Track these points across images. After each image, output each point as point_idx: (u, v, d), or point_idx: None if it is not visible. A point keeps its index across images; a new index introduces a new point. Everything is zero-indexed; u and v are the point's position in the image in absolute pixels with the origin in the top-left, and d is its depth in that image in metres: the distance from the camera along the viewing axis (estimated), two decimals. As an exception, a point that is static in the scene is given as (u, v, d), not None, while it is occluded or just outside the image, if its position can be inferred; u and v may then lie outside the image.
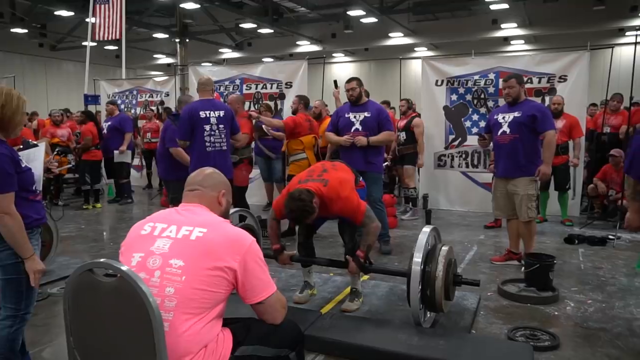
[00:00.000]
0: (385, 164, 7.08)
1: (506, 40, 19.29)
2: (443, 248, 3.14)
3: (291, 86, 7.74)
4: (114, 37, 10.79)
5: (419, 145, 6.61)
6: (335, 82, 6.25)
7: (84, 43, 13.02)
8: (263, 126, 6.84)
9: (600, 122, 6.75)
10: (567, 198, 6.35)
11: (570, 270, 4.51)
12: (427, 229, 3.17)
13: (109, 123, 8.16)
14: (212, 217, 1.84)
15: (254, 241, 1.78)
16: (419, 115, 6.96)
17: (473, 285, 3.28)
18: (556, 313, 3.49)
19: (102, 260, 1.64)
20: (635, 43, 5.91)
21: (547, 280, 3.77)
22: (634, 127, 5.71)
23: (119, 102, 10.34)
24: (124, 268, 1.58)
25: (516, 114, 4.30)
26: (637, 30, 6.48)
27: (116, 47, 17.60)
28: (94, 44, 12.05)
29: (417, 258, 2.99)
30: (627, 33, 16.99)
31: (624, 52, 14.51)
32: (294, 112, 6.21)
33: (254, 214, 4.02)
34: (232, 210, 3.78)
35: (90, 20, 10.96)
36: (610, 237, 5.41)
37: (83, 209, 7.84)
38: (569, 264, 4.69)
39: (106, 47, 19.33)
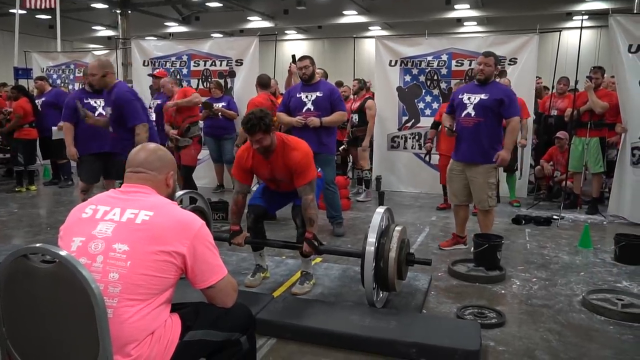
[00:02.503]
0: (342, 147, 7.06)
1: (459, 21, 19.59)
2: (396, 228, 3.16)
3: (242, 64, 7.52)
4: (46, 6, 10.06)
5: (369, 128, 6.55)
6: (293, 56, 6.07)
7: (11, 10, 11.99)
8: (214, 106, 6.66)
9: (548, 105, 6.94)
10: (515, 179, 6.52)
11: (517, 249, 4.65)
12: (380, 210, 3.17)
13: (43, 99, 7.56)
14: (158, 199, 1.76)
15: (204, 224, 1.73)
16: (373, 96, 6.94)
17: (425, 264, 3.33)
18: (503, 291, 3.59)
19: (38, 245, 1.54)
20: (581, 27, 6.08)
21: (495, 260, 3.87)
22: (578, 110, 5.89)
23: (54, 76, 9.74)
24: (62, 253, 1.49)
25: (483, 96, 4.07)
26: (582, 15, 6.67)
27: (50, 17, 16.51)
28: (24, 12, 11.16)
29: (371, 238, 3.00)
30: (574, 17, 17.55)
31: (571, 36, 14.99)
32: None
33: (204, 196, 3.91)
34: (182, 192, 3.67)
35: None
36: (555, 217, 5.61)
37: (15, 191, 7.34)
38: (516, 243, 4.83)
39: (38, 16, 18.13)
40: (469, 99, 4.14)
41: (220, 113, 6.74)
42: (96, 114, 5.00)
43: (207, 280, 1.71)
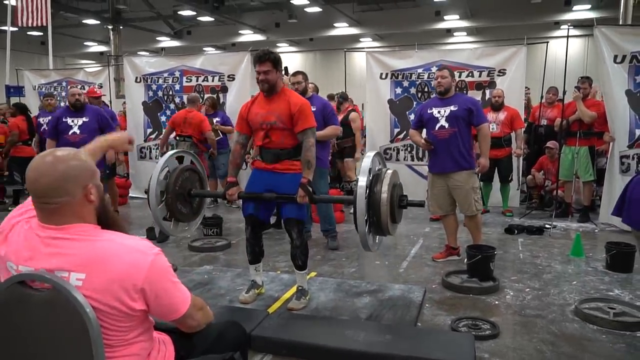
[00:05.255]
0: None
1: (449, 31, 19.77)
2: (388, 171, 3.13)
3: (234, 79, 7.56)
4: (38, 24, 9.88)
5: (356, 139, 6.55)
6: (285, 68, 6.10)
7: (3, 28, 11.61)
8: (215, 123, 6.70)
9: (538, 114, 7.02)
10: (509, 189, 6.56)
11: (510, 259, 4.67)
12: (370, 154, 3.14)
13: (49, 118, 7.59)
14: (87, 246, 1.44)
15: (154, 261, 1.46)
16: (356, 109, 6.97)
17: (418, 206, 3.30)
18: (497, 302, 3.61)
19: (34, 272, 1.48)
20: (567, 36, 6.14)
21: (488, 271, 3.90)
22: (567, 119, 5.96)
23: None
24: (56, 279, 1.43)
25: (452, 107, 4.28)
26: (568, 25, 6.75)
27: (41, 33, 16.33)
28: (15, 29, 10.90)
29: (362, 182, 2.96)
30: (562, 26, 17.77)
31: (559, 46, 15.15)
32: None
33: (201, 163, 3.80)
34: (175, 151, 3.60)
35: (10, 2, 10.00)
36: (547, 226, 5.65)
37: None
38: (509, 253, 4.86)
39: (29, 33, 18.01)
40: (439, 112, 4.34)
41: (218, 130, 6.80)
42: (70, 133, 5.42)
43: (174, 314, 1.58)
